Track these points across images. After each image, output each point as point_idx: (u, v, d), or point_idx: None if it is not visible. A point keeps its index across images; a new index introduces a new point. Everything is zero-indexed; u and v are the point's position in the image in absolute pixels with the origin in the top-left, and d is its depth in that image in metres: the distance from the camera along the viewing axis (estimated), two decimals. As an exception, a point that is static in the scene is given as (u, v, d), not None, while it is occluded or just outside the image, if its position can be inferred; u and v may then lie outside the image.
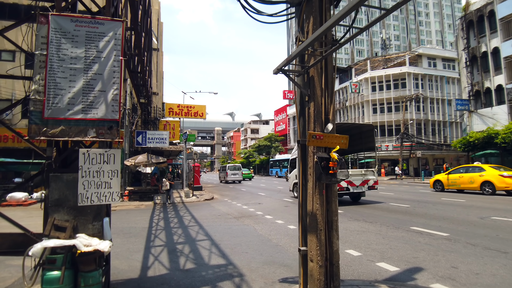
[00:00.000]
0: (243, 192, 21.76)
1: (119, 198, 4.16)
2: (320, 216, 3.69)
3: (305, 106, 4.09)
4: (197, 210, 13.45)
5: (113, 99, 4.22)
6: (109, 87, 4.22)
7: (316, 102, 3.80)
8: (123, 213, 13.40)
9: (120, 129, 4.27)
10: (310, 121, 3.85)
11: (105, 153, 4.06)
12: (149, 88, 18.44)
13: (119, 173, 4.15)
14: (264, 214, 11.50)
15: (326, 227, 3.76)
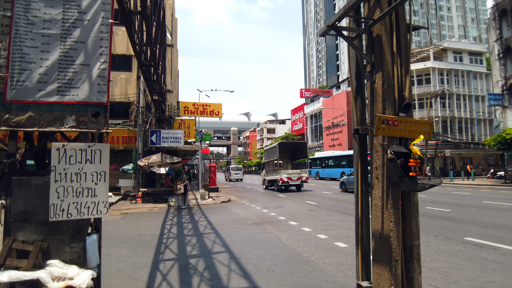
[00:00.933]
0: (261, 194, 20.61)
1: (107, 211, 3.06)
2: (394, 240, 2.49)
3: (363, 81, 2.90)
4: (213, 214, 12.38)
5: (100, 75, 3.13)
6: (95, 60, 3.14)
7: (386, 72, 2.60)
8: (134, 217, 12.46)
9: (107, 116, 3.17)
10: (377, 100, 2.65)
11: (88, 148, 2.97)
12: (162, 85, 17.53)
13: (107, 176, 3.05)
14: (287, 220, 10.31)
15: (403, 256, 2.54)
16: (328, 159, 40.31)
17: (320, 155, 43.44)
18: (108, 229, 9.66)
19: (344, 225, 9.11)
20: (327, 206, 13.54)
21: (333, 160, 38.75)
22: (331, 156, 39.88)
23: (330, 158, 39.77)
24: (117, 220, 11.53)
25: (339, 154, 37.53)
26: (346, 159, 34.83)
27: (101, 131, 3.08)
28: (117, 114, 21.46)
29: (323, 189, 22.50)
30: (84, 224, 3.00)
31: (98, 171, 2.98)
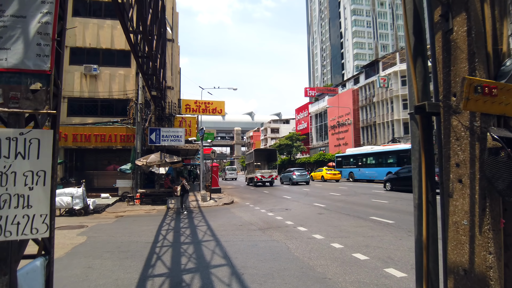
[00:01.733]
0: (266, 195, 19.65)
1: (47, 228, 2.11)
2: (495, 283, 1.51)
3: (424, 36, 1.95)
4: (214, 218, 11.44)
5: (41, 32, 2.18)
6: (34, 10, 2.19)
7: (472, 13, 1.62)
8: (129, 220, 11.56)
9: (49, 88, 2.23)
10: (457, 57, 1.68)
11: (19, 137, 2.03)
12: (162, 80, 16.63)
13: (48, 178, 2.11)
14: (295, 225, 9.34)
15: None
16: (366, 156, 31.88)
17: (353, 152, 34.95)
18: (98, 235, 8.75)
19: (360, 232, 8.13)
20: (337, 208, 12.55)
21: (375, 157, 30.29)
22: (371, 153, 31.27)
23: (370, 155, 31.25)
24: (110, 224, 10.63)
25: (383, 150, 29.76)
26: (394, 155, 27.51)
27: (41, 111, 2.14)
28: (116, 112, 20.61)
29: (330, 190, 21.50)
30: (13, 248, 2.05)
31: (34, 170, 2.04)
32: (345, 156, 36.28)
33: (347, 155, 35.87)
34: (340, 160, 37.03)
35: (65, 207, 12.88)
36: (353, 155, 34.32)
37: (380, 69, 47.06)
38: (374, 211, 11.52)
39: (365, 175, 31.33)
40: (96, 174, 21.62)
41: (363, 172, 31.82)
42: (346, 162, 35.49)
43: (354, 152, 34.93)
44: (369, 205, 13.25)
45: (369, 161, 31.41)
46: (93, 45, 20.68)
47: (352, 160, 34.18)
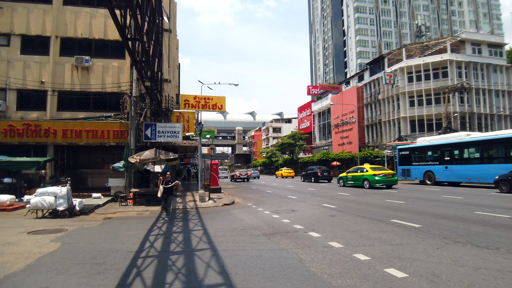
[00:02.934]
0: (269, 195, 18.32)
1: None
2: None
3: None
4: (212, 220, 10.12)
5: None
6: None
7: None
8: (117, 223, 10.25)
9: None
10: None
11: None
12: (156, 70, 15.32)
13: None
14: (306, 229, 8.00)
15: None
16: (460, 147, 22.06)
17: (434, 142, 24.67)
18: (75, 241, 7.45)
19: (385, 239, 6.80)
20: (350, 210, 11.21)
21: (480, 148, 20.75)
22: (470, 142, 21.50)
23: (469, 144, 21.49)
24: (93, 228, 9.33)
25: (497, 137, 20.02)
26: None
27: None
28: (109, 106, 19.39)
29: (338, 190, 20.13)
30: None
31: None
32: (418, 148, 25.97)
33: (420, 147, 25.60)
34: (406, 154, 26.68)
35: (48, 207, 11.58)
36: (434, 146, 24.12)
37: (385, 66, 45.69)
38: (393, 213, 10.18)
39: (459, 175, 21.69)
40: (90, 172, 20.41)
41: (455, 170, 21.94)
42: (419, 157, 25.40)
43: (436, 142, 24.33)
44: (385, 206, 11.91)
45: (468, 154, 21.55)
46: (85, 35, 19.47)
47: (432, 154, 24.20)
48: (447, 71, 39.86)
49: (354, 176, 23.25)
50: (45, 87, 18.64)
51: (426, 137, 27.61)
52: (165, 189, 11.20)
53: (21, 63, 18.61)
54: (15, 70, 18.51)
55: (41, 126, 17.86)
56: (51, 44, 19.01)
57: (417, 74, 41.36)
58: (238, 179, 38.61)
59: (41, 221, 10.84)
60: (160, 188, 11.34)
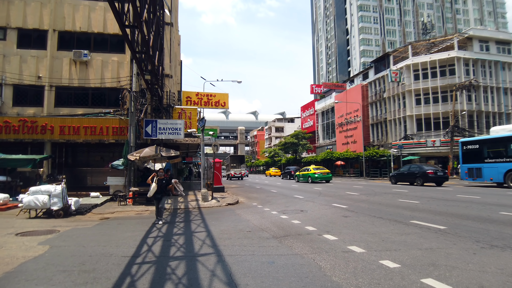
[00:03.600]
0: (274, 195, 17.59)
1: None
2: None
3: None
4: (216, 221, 9.40)
5: None
6: None
7: None
8: (113, 224, 9.55)
9: None
10: None
11: None
12: (156, 63, 14.63)
13: None
14: (320, 232, 7.27)
15: None
16: None
17: None
18: (66, 244, 6.76)
19: (410, 242, 6.06)
20: (363, 210, 10.47)
21: None
22: None
23: None
24: (87, 229, 8.63)
25: None
26: None
27: None
28: (108, 102, 18.72)
29: (346, 189, 19.39)
30: None
31: None
32: (494, 140, 20.10)
33: (499, 139, 19.59)
34: (475, 149, 21.02)
35: (41, 207, 10.90)
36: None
37: (391, 63, 44.84)
38: (411, 213, 9.43)
39: None
40: (90, 171, 19.76)
41: None
42: (496, 152, 19.73)
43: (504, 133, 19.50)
44: (400, 206, 11.15)
45: None
46: (84, 28, 18.80)
47: None
48: (454, 68, 38.98)
49: (303, 174, 29.40)
50: (42, 82, 18.00)
51: (504, 126, 22.62)
52: (159, 189, 9.33)
53: (17, 57, 17.97)
54: (11, 64, 17.87)
55: (37, 123, 17.21)
56: (48, 38, 18.36)
57: (423, 71, 40.51)
58: (233, 177, 43.41)
59: (33, 221, 10.16)
60: (152, 186, 9.32)
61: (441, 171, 21.99)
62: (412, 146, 39.08)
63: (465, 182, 23.45)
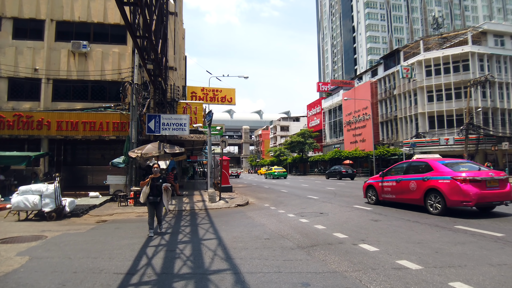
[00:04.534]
0: (286, 195, 16.40)
1: None
2: None
3: None
4: (227, 226, 8.23)
5: None
6: None
7: None
8: (111, 228, 8.43)
9: None
10: None
11: None
12: (159, 52, 13.50)
13: None
14: (353, 240, 6.08)
15: None
16: None
17: None
18: (49, 254, 5.62)
19: (472, 254, 4.87)
20: (391, 213, 9.25)
21: None
22: None
23: None
24: (80, 235, 7.51)
25: None
26: None
27: None
28: (109, 96, 17.64)
29: (357, 189, 18.14)
30: None
31: None
32: None
33: None
34: None
35: (32, 208, 9.82)
36: None
37: (401, 59, 43.40)
38: (451, 217, 8.20)
39: None
40: (91, 169, 18.76)
41: None
42: None
43: None
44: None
45: None
46: (83, 18, 17.72)
47: None
48: (468, 64, 37.52)
49: (269, 172, 44.62)
50: (39, 75, 16.94)
51: None
52: (153, 190, 7.29)
53: (12, 48, 16.93)
54: (6, 56, 16.83)
55: (33, 118, 16.15)
56: (45, 28, 17.30)
57: (436, 67, 39.07)
58: (230, 176, 45.58)
59: (22, 224, 9.07)
60: (143, 190, 7.29)
61: (351, 170, 35.05)
62: (424, 144, 37.71)
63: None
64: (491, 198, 8.19)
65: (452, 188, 8.29)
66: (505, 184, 8.43)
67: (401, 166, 10.83)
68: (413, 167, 10.07)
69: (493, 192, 8.17)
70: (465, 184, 8.14)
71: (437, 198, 8.69)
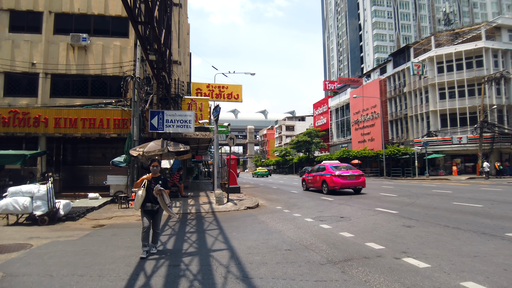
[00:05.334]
0: (297, 196, 15.38)
1: None
2: None
3: None
4: (238, 232, 7.23)
5: None
6: None
7: None
8: (107, 235, 7.47)
9: None
10: None
11: None
12: (163, 43, 12.55)
13: None
14: (393, 252, 5.05)
15: None
16: None
17: None
18: (26, 270, 4.66)
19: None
20: (422, 217, 8.20)
21: None
22: None
23: None
24: (71, 243, 6.56)
25: None
26: None
27: None
28: (110, 92, 16.76)
29: (373, 189, 17.05)
30: None
31: None
32: None
33: None
34: None
35: (22, 211, 8.91)
36: None
37: (411, 56, 42.14)
38: (492, 222, 7.16)
39: None
40: (92, 169, 17.83)
41: None
42: None
43: None
44: (463, 211, 8.85)
45: None
46: (83, 10, 16.83)
47: None
48: (482, 60, 36.19)
49: (255, 172, 54.10)
50: (37, 69, 16.08)
51: None
52: (151, 195, 5.53)
53: (9, 42, 16.09)
54: (3, 50, 15.99)
55: (30, 114, 15.29)
56: (43, 21, 16.44)
57: (448, 64, 37.78)
58: None
59: (9, 230, 8.15)
60: (138, 194, 5.55)
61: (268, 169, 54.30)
62: (436, 143, 36.49)
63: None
64: (349, 185, 15.32)
65: (331, 180, 15.41)
66: (359, 178, 15.49)
67: (317, 167, 18.04)
68: (319, 168, 17.43)
69: (351, 182, 15.31)
70: (336, 178, 15.26)
71: (325, 185, 15.74)
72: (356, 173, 15.53)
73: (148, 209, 5.59)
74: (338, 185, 15.03)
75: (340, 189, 15.36)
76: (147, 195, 5.53)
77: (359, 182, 15.34)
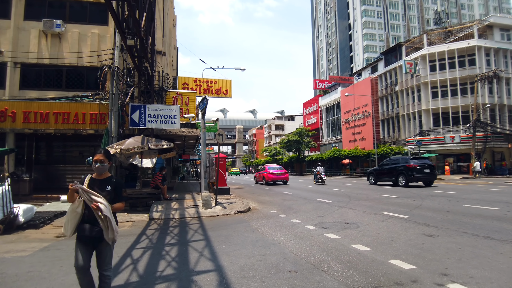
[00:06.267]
0: (292, 198, 14.22)
1: None
2: None
3: None
4: (228, 245, 5.99)
5: None
6: None
7: None
8: (69, 248, 6.11)
9: None
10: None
11: None
12: (143, 26, 11.20)
13: None
14: (431, 274, 3.91)
15: None
16: None
17: None
18: None
19: None
20: (440, 223, 7.12)
21: None
22: None
23: None
24: (20, 260, 5.22)
25: None
26: None
27: None
28: (87, 84, 15.31)
29: (370, 190, 16.05)
30: None
31: None
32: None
33: None
34: None
35: (-29, 219, 7.49)
36: None
37: (403, 54, 41.59)
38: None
39: None
40: (69, 169, 16.35)
41: None
42: None
43: None
44: (480, 215, 7.81)
45: None
46: (57, -6, 15.29)
47: None
48: (474, 58, 35.83)
49: (230, 171, 63.18)
50: (5, 58, 14.51)
51: None
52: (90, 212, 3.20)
53: (-27, 28, 14.50)
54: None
55: (-6, 108, 13.75)
56: (12, 5, 14.89)
57: (440, 62, 37.31)
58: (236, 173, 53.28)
59: (-50, 242, 6.74)
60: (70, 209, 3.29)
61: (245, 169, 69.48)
62: (429, 142, 35.96)
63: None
64: (278, 179, 24.38)
65: (266, 176, 24.71)
66: (284, 174, 24.71)
67: (262, 167, 26.36)
68: (262, 168, 27.50)
69: (279, 177, 24.44)
70: (268, 174, 24.57)
71: (264, 179, 25.06)
72: (282, 172, 25.01)
73: (85, 236, 3.20)
74: (271, 179, 24.36)
75: (272, 181, 24.48)
76: (86, 211, 3.24)
77: (284, 177, 24.58)
